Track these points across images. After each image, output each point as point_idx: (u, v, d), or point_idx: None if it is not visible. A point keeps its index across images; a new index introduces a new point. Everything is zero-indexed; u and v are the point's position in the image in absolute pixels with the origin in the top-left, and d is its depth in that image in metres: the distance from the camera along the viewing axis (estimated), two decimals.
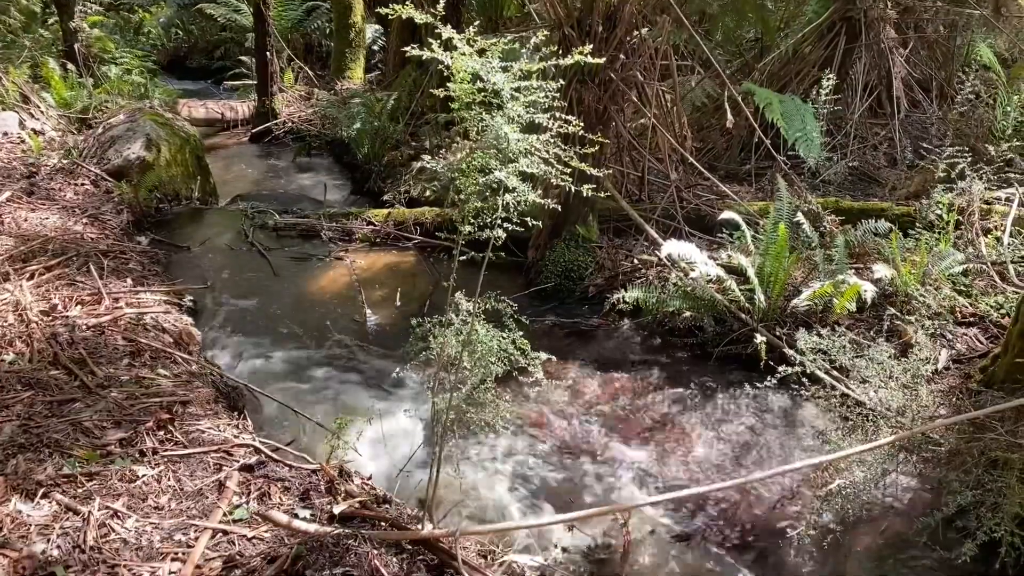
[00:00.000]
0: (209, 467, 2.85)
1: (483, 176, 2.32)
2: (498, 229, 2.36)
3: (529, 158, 2.37)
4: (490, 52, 2.30)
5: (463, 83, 2.27)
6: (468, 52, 2.28)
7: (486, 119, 2.29)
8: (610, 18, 5.36)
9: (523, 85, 2.38)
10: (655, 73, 5.64)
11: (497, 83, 2.32)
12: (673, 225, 5.83)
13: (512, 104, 2.36)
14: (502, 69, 2.36)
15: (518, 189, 2.31)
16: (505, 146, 2.31)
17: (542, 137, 2.44)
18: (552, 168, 2.40)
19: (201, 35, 16.10)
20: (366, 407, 4.34)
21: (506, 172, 2.28)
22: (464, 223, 2.38)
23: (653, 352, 4.69)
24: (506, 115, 2.33)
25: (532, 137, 2.42)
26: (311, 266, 6.19)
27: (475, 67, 2.27)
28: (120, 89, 9.23)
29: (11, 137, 7.42)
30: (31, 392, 3.13)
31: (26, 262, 4.74)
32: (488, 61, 2.29)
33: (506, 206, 2.36)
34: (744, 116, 6.96)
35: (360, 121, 8.87)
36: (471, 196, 2.33)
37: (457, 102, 2.31)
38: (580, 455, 3.73)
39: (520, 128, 2.37)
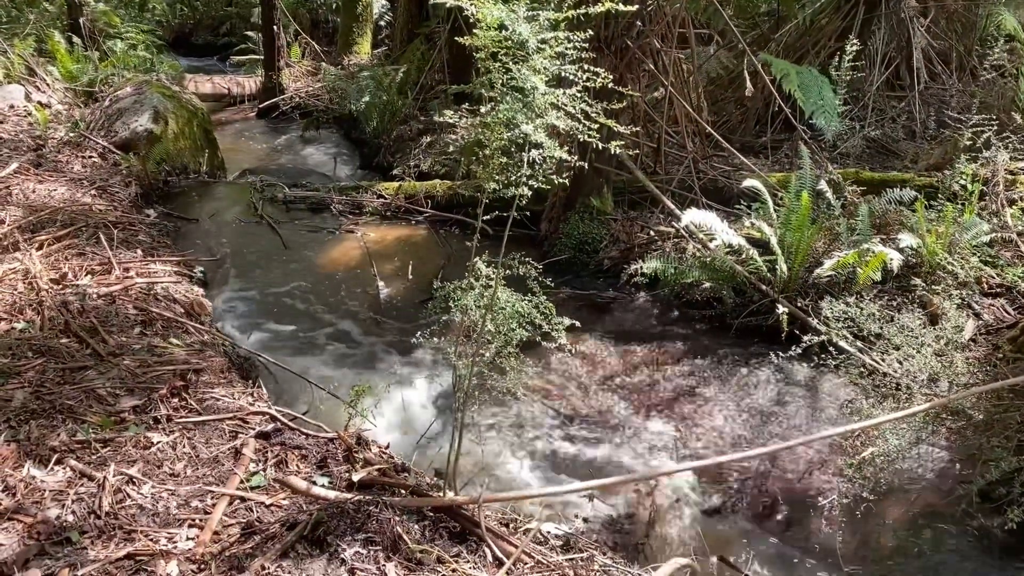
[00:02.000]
0: (225, 434, 2.79)
1: (508, 131, 2.23)
2: (523, 187, 2.28)
3: (556, 112, 2.28)
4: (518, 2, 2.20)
5: (489, 31, 2.17)
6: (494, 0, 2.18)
7: (512, 69, 2.20)
8: None
9: (550, 36, 2.28)
10: (672, 41, 5.51)
11: (522, 33, 2.23)
12: (690, 197, 5.73)
13: (538, 56, 2.26)
14: (527, 19, 2.27)
15: (545, 145, 2.22)
16: (531, 99, 2.22)
17: (569, 91, 2.35)
18: (579, 124, 2.31)
19: (206, 11, 15.94)
20: (381, 377, 4.28)
21: (533, 126, 2.19)
22: (489, 180, 2.29)
23: (671, 324, 4.61)
24: (531, 67, 2.23)
25: (559, 91, 2.33)
26: (322, 239, 6.12)
27: (501, 16, 2.17)
28: (126, 63, 9.11)
29: (17, 110, 7.33)
30: (42, 359, 3.08)
31: (35, 232, 4.67)
32: (514, 10, 2.19)
33: (531, 163, 2.27)
34: (761, 87, 6.83)
35: (369, 95, 8.75)
36: (496, 151, 2.24)
37: (482, 51, 2.21)
38: (599, 426, 3.67)
39: (546, 82, 2.28)
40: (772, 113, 7.32)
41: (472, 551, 2.35)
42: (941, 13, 8.19)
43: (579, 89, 2.35)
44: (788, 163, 6.94)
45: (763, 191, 4.51)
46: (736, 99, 7.93)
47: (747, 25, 8.70)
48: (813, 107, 6.51)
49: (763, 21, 8.55)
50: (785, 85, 6.67)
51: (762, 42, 8.02)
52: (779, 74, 6.81)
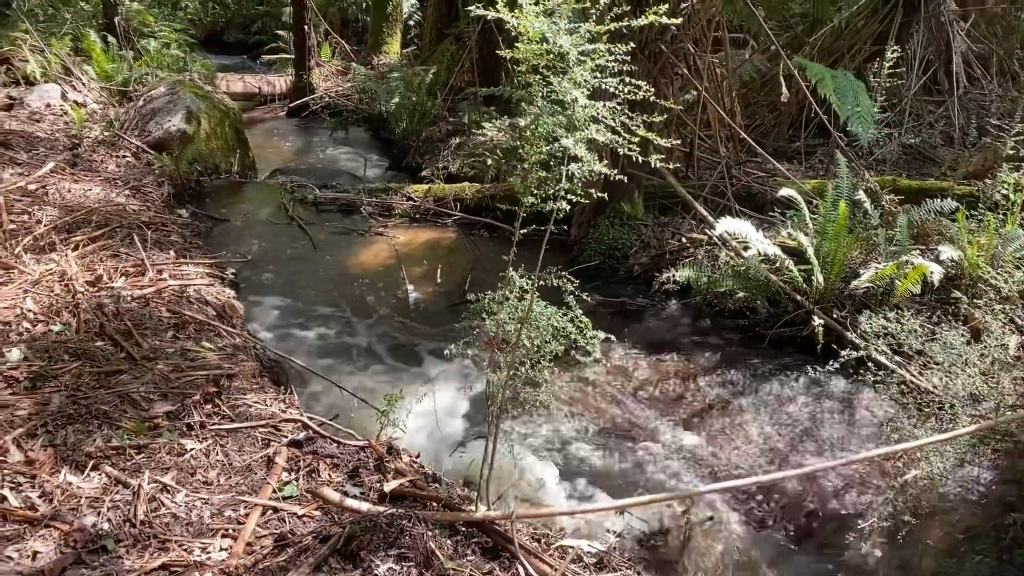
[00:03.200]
0: (257, 442, 2.79)
1: (548, 145, 2.20)
2: (561, 201, 2.25)
3: (596, 125, 2.25)
4: (559, 13, 2.17)
5: (530, 44, 2.14)
6: (536, 12, 2.15)
7: (554, 83, 2.17)
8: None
9: (591, 48, 2.25)
10: (707, 45, 5.45)
11: (563, 45, 2.20)
12: (722, 203, 5.66)
13: (579, 68, 2.23)
14: (568, 32, 2.24)
15: (584, 159, 2.19)
16: (572, 112, 2.19)
17: (609, 104, 2.31)
18: (619, 137, 2.27)
19: (238, 9, 16.09)
20: (410, 383, 4.27)
21: (573, 140, 2.15)
22: (526, 194, 2.26)
23: (703, 333, 4.55)
24: (572, 79, 2.20)
25: (598, 104, 2.29)
26: (351, 241, 6.13)
27: (543, 28, 2.14)
28: (160, 62, 9.21)
29: (54, 109, 7.43)
30: (78, 363, 3.10)
31: (71, 232, 4.72)
32: (556, 22, 2.16)
33: (570, 176, 2.24)
34: (795, 92, 6.73)
35: (399, 96, 8.77)
36: (534, 166, 2.21)
37: (524, 64, 2.18)
38: (630, 437, 3.63)
39: (586, 94, 2.24)
40: (806, 117, 7.23)
41: (505, 568, 2.32)
42: (981, 16, 8.04)
43: (619, 101, 2.32)
44: (823, 169, 6.84)
45: (799, 200, 4.43)
46: (769, 103, 7.83)
47: (781, 27, 8.59)
48: (849, 112, 6.39)
49: (797, 23, 8.44)
50: (820, 90, 6.57)
51: (796, 45, 7.91)
52: (814, 78, 6.71)
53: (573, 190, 2.26)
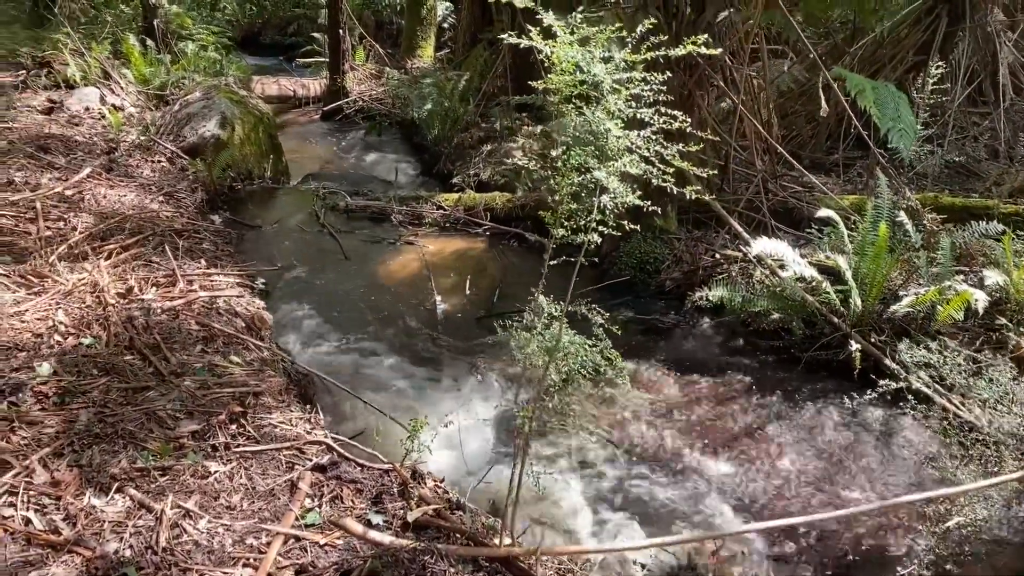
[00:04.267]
0: (281, 465, 2.77)
1: (580, 176, 2.14)
2: (593, 233, 2.19)
3: (629, 156, 2.18)
4: (594, 41, 2.11)
5: (564, 74, 2.08)
6: (570, 41, 2.09)
7: (586, 114, 2.11)
8: (699, 0, 5.09)
9: (626, 77, 2.19)
10: (744, 57, 5.34)
11: (598, 74, 2.14)
12: (757, 218, 5.55)
13: (613, 97, 2.17)
14: (603, 60, 2.18)
15: (617, 190, 2.13)
16: (604, 143, 2.13)
17: (643, 133, 2.25)
18: (653, 167, 2.21)
19: (275, 10, 16.21)
20: (437, 399, 4.24)
21: (605, 172, 2.09)
22: (556, 226, 2.21)
23: (736, 354, 4.45)
24: (606, 109, 2.14)
25: (632, 133, 2.23)
26: (381, 249, 6.12)
27: (577, 57, 2.08)
28: (196, 65, 9.30)
29: (92, 112, 7.53)
30: (107, 378, 3.11)
31: (104, 240, 4.76)
32: (590, 51, 2.10)
33: (602, 208, 2.18)
34: (834, 103, 6.58)
35: (431, 102, 8.75)
36: (565, 197, 2.15)
37: (557, 95, 2.12)
38: (659, 464, 3.55)
39: (621, 124, 2.18)
40: (845, 129, 7.07)
41: None
42: None
43: (654, 131, 2.26)
44: (861, 182, 6.68)
45: (838, 222, 4.31)
46: (807, 113, 7.68)
47: (820, 36, 8.43)
48: (889, 125, 6.22)
49: (838, 32, 8.26)
50: (860, 101, 6.40)
51: (836, 55, 7.75)
52: (854, 89, 6.54)
53: (605, 221, 2.21)
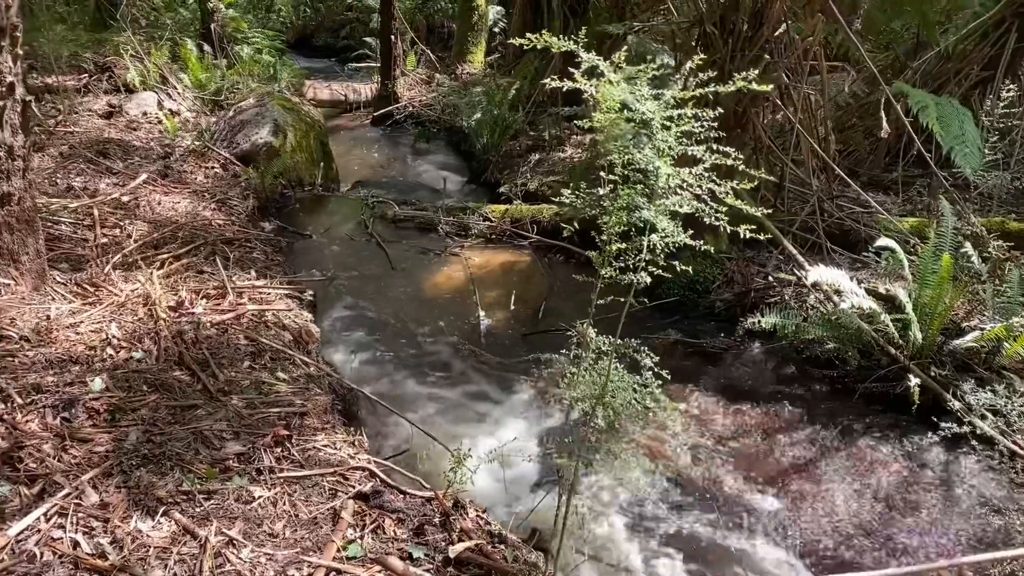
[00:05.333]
0: (324, 492, 2.76)
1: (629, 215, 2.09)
2: (642, 273, 2.13)
3: (680, 194, 2.12)
4: (640, 80, 2.05)
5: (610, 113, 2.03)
6: (616, 80, 2.03)
7: (634, 152, 2.05)
8: (756, 15, 4.97)
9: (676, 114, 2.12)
10: (803, 75, 5.20)
11: (647, 112, 2.08)
12: (812, 239, 5.40)
13: (664, 134, 2.11)
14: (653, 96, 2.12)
15: (667, 230, 2.06)
16: (654, 181, 2.07)
17: (695, 170, 2.18)
18: (706, 206, 2.14)
19: (328, 14, 16.42)
20: (478, 420, 4.22)
21: (655, 211, 2.03)
22: (604, 265, 2.15)
23: (787, 382, 4.34)
24: (656, 147, 2.08)
25: (684, 170, 2.17)
26: (428, 261, 6.12)
27: (624, 96, 2.03)
28: (251, 70, 9.43)
29: (149, 117, 7.69)
30: (156, 395, 3.14)
31: (157, 249, 4.85)
32: (638, 89, 2.04)
33: (651, 247, 2.12)
34: (894, 119, 6.37)
35: (480, 111, 8.75)
36: (613, 237, 2.10)
37: (603, 135, 2.07)
38: (707, 497, 3.46)
39: (671, 161, 2.12)
40: (905, 145, 6.84)
41: None
42: None
43: (706, 168, 2.19)
44: (921, 203, 6.47)
45: (898, 250, 4.17)
46: (865, 128, 7.47)
47: (881, 49, 8.19)
48: (952, 143, 6.01)
49: (899, 45, 8.01)
50: (922, 118, 6.20)
51: (897, 69, 7.51)
52: (916, 106, 6.34)
53: (655, 261, 2.14)
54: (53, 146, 6.34)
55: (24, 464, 2.59)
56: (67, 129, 6.89)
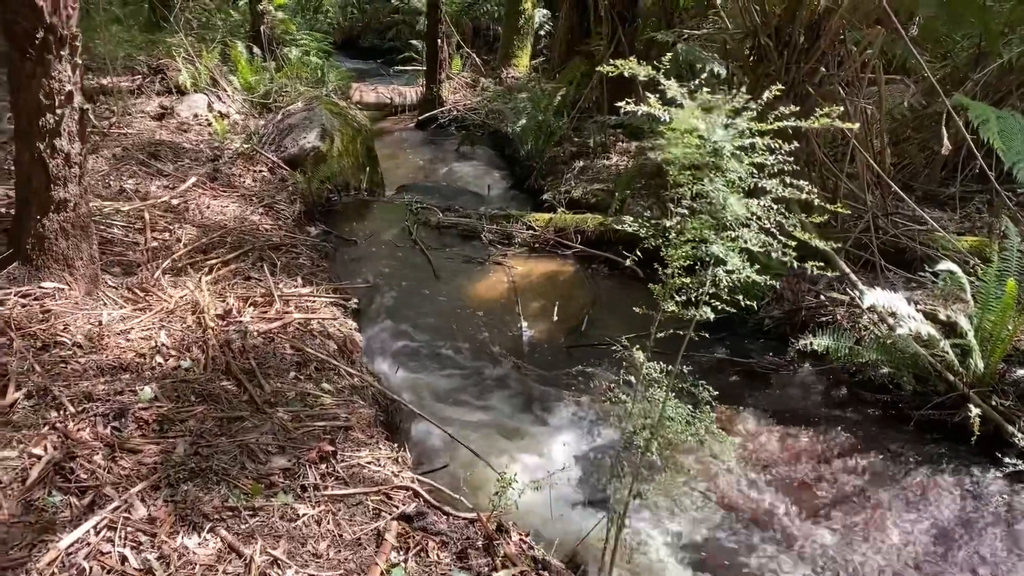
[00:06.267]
0: (368, 512, 2.75)
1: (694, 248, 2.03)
2: (705, 308, 2.07)
3: (748, 228, 2.05)
4: (717, 110, 1.99)
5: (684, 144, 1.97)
6: (690, 108, 1.97)
7: (705, 184, 1.99)
8: (813, 27, 4.85)
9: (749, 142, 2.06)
10: (861, 89, 5.05)
11: (718, 141, 2.01)
12: (866, 256, 5.25)
13: (733, 163, 2.04)
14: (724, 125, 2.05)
15: (734, 265, 2.00)
16: (723, 215, 2.00)
17: (763, 201, 2.11)
18: (774, 241, 2.07)
19: (374, 15, 16.53)
20: (521, 435, 4.18)
21: (723, 246, 1.97)
22: (666, 299, 2.09)
23: (839, 406, 4.22)
24: (726, 178, 2.01)
25: (752, 202, 2.10)
26: (470, 269, 6.10)
27: (698, 125, 1.97)
28: (299, 73, 9.52)
29: (200, 119, 7.79)
30: (204, 406, 3.16)
31: (206, 254, 4.90)
32: (712, 119, 1.98)
33: (715, 282, 2.06)
34: (953, 133, 6.18)
35: (525, 117, 8.71)
36: (677, 270, 2.04)
37: (673, 167, 2.01)
38: (756, 526, 3.38)
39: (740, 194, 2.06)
40: (964, 159, 6.63)
41: None
42: None
43: (774, 198, 2.12)
44: (980, 219, 6.26)
45: (959, 274, 4.02)
46: (921, 141, 7.25)
47: (940, 59, 7.94)
48: (1015, 159, 5.80)
49: (959, 56, 7.76)
50: (982, 132, 6.00)
51: (957, 80, 7.28)
52: (976, 119, 6.13)
53: (718, 295, 2.08)
54: (107, 147, 6.45)
55: (75, 475, 2.62)
56: (121, 130, 7.01)
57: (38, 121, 3.61)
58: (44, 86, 3.57)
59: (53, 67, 3.57)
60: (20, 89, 3.58)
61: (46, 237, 3.77)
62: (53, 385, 3.05)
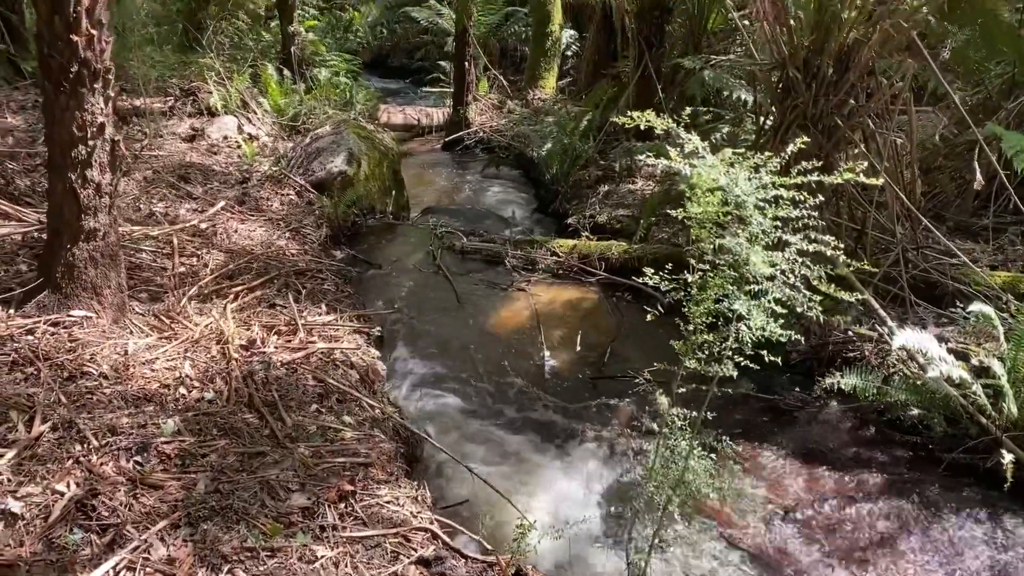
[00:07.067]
0: (386, 554, 2.73)
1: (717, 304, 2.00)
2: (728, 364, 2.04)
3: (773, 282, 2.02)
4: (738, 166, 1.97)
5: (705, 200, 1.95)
6: (713, 162, 1.96)
7: (727, 240, 1.96)
8: (842, 59, 4.80)
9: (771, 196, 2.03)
10: (891, 122, 4.99)
11: (740, 194, 1.99)
12: (894, 291, 5.16)
13: (758, 218, 2.01)
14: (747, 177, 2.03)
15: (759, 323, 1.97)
16: (746, 270, 1.97)
17: (786, 254, 2.08)
18: (799, 295, 2.04)
19: (404, 35, 16.68)
20: (542, 470, 4.14)
21: (746, 303, 1.94)
22: (689, 355, 2.06)
23: (867, 446, 4.13)
24: (749, 232, 1.99)
25: (776, 254, 2.07)
26: (493, 295, 6.09)
27: (721, 179, 1.94)
28: (328, 95, 9.61)
29: (229, 141, 7.89)
30: (226, 440, 3.18)
31: (232, 279, 4.94)
32: (735, 174, 1.96)
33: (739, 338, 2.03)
34: (985, 163, 6.08)
35: (551, 141, 8.71)
36: (700, 327, 2.01)
37: (695, 224, 1.99)
38: (778, 570, 3.31)
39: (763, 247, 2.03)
40: (996, 188, 6.51)
41: None
42: None
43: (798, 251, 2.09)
44: (1014, 252, 6.14)
45: (992, 315, 3.94)
46: (952, 170, 7.15)
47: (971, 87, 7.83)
48: None
49: (993, 83, 7.65)
50: (1016, 163, 5.90)
51: (990, 109, 7.17)
52: (1010, 150, 6.04)
53: (742, 350, 2.05)
54: (138, 170, 6.55)
55: (97, 512, 2.63)
56: (152, 152, 7.12)
57: (71, 152, 3.67)
58: (77, 119, 3.64)
59: (86, 100, 3.64)
60: (54, 122, 3.65)
61: (75, 266, 3.83)
62: (78, 417, 3.08)
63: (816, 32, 4.77)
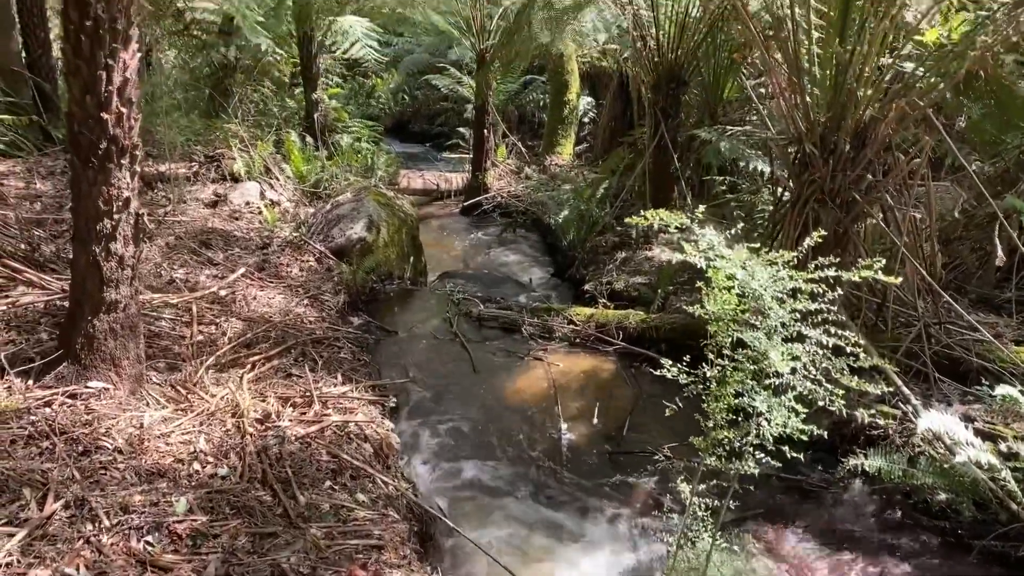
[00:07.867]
0: None
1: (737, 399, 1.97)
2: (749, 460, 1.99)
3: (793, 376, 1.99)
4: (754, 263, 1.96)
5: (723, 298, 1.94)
6: (730, 258, 1.95)
7: (745, 335, 1.94)
8: (859, 135, 4.83)
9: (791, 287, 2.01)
10: (910, 198, 4.99)
11: (758, 287, 1.98)
12: (916, 366, 5.08)
13: (776, 310, 1.99)
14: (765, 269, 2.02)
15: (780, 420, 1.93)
16: (765, 364, 1.95)
17: (807, 346, 2.05)
18: (820, 389, 2.00)
19: (424, 102, 17.05)
20: (559, 548, 4.05)
21: (766, 400, 1.91)
22: (708, 452, 2.03)
23: (893, 530, 4.01)
24: (768, 325, 1.97)
25: (796, 347, 2.04)
26: (510, 364, 6.06)
27: (738, 275, 1.94)
28: (350, 161, 9.78)
29: (252, 207, 8.01)
30: (238, 520, 3.13)
31: (249, 348, 4.95)
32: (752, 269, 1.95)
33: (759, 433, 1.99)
34: (1006, 237, 6.05)
35: (568, 208, 8.79)
36: (720, 424, 1.98)
37: (712, 320, 1.98)
38: None
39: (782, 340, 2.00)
40: (1019, 262, 6.46)
41: None
42: None
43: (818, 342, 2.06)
44: None
45: (1019, 399, 3.86)
46: (973, 241, 7.11)
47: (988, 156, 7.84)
48: None
49: (1010, 155, 7.66)
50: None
51: (1009, 181, 7.16)
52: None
53: (763, 445, 2.01)
54: (161, 236, 6.64)
55: None
56: (175, 218, 7.24)
57: (96, 226, 3.73)
58: (103, 193, 3.71)
59: (113, 175, 3.71)
60: (81, 196, 3.72)
61: (95, 337, 3.86)
62: (91, 495, 3.05)
63: (832, 109, 4.81)
